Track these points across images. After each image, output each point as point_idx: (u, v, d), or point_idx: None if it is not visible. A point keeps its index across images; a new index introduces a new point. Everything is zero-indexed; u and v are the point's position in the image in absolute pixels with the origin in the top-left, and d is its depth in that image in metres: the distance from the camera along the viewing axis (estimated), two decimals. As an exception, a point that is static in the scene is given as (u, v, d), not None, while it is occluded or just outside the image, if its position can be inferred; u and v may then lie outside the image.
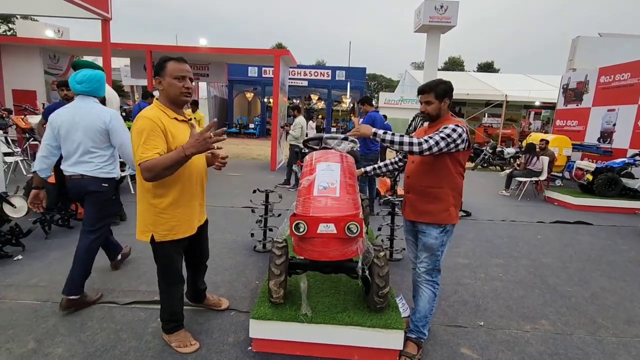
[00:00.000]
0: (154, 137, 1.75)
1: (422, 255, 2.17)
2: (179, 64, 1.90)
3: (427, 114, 2.13)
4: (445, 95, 2.07)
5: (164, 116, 1.86)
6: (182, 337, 2.20)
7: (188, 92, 1.93)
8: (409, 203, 2.21)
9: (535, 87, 20.78)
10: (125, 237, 4.00)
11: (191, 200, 2.03)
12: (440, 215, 2.08)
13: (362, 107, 5.10)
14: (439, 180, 2.06)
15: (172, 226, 1.97)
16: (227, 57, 10.32)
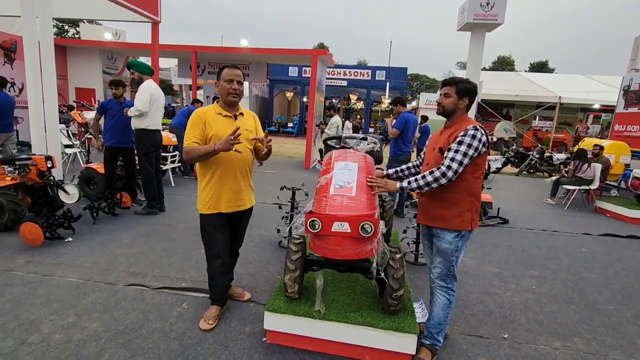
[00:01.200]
0: (194, 128, 2.19)
1: (436, 259, 2.11)
2: (229, 69, 2.24)
3: (441, 107, 2.06)
4: (467, 94, 2.01)
5: (210, 111, 2.26)
6: (210, 311, 2.44)
7: (235, 93, 2.23)
8: (422, 207, 2.17)
9: (595, 89, 19.16)
10: (163, 227, 4.28)
11: (223, 183, 2.28)
12: (453, 220, 2.01)
13: (395, 108, 5.02)
14: (454, 184, 1.98)
15: (206, 201, 2.29)
16: (267, 57, 10.60)
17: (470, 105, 2.05)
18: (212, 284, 2.46)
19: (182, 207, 5.20)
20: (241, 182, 2.34)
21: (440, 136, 2.09)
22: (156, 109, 4.51)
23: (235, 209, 2.35)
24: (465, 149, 1.89)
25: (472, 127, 1.91)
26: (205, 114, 2.23)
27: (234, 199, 2.32)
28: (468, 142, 1.89)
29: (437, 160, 2.02)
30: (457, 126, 2.00)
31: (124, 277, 3.00)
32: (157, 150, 4.77)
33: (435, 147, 2.08)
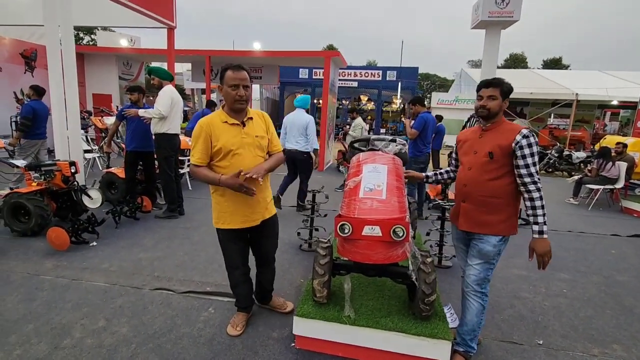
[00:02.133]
0: (198, 143, 2.06)
1: (475, 261, 2.04)
2: (234, 72, 2.02)
3: (487, 110, 1.95)
4: (508, 95, 1.97)
5: (215, 120, 2.08)
6: (237, 318, 2.43)
7: (241, 100, 2.03)
8: (464, 213, 2.07)
9: (613, 85, 18.65)
10: (184, 230, 4.30)
11: (237, 197, 2.12)
12: (499, 226, 1.96)
13: (413, 108, 4.94)
14: (500, 190, 1.94)
15: (219, 215, 2.20)
16: (280, 59, 10.63)
17: (507, 104, 2.01)
18: (235, 292, 2.45)
19: (201, 210, 5.23)
20: (259, 193, 2.16)
21: (481, 139, 2.01)
22: (175, 113, 4.55)
23: (252, 223, 2.20)
24: (535, 159, 1.88)
25: (528, 132, 1.87)
26: (210, 125, 2.05)
27: (249, 213, 2.17)
28: (535, 150, 1.87)
29: (484, 164, 1.95)
30: (501, 128, 1.96)
31: (150, 281, 3.01)
32: (177, 154, 4.81)
33: (476, 150, 2.00)
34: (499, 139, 1.92)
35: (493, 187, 1.95)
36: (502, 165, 1.92)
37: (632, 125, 21.01)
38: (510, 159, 1.91)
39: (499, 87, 1.93)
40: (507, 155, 1.90)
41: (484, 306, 2.07)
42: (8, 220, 3.80)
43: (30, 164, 4.05)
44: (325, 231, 4.06)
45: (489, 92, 1.94)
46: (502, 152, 1.91)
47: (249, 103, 2.16)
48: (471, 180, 2.01)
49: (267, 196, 2.30)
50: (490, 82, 1.97)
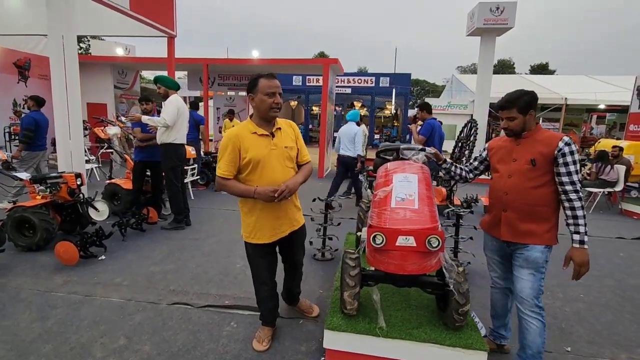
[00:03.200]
0: (227, 155, 2.01)
1: (524, 272, 1.95)
2: (268, 80, 2.00)
3: (510, 131, 1.99)
4: (529, 107, 1.93)
5: (244, 131, 2.05)
6: (263, 332, 2.37)
7: (277, 107, 2.03)
8: (506, 222, 2.01)
9: (600, 89, 19.12)
10: (192, 242, 4.22)
11: (267, 211, 2.10)
12: (544, 235, 1.92)
13: (420, 114, 4.99)
14: (545, 198, 1.91)
15: (250, 230, 2.17)
16: (278, 67, 10.63)
17: (536, 113, 1.98)
18: (261, 307, 2.40)
19: (208, 220, 5.15)
20: (285, 206, 2.15)
21: (519, 147, 1.99)
22: (182, 122, 4.50)
23: (281, 235, 2.19)
24: (577, 167, 1.85)
25: (568, 139, 1.84)
26: (239, 136, 2.00)
27: (278, 226, 2.15)
28: (576, 158, 1.85)
29: (527, 172, 1.92)
30: (538, 136, 1.95)
31: (166, 296, 2.94)
32: (183, 164, 4.75)
33: (516, 158, 1.98)
34: (539, 147, 1.90)
35: (537, 195, 1.91)
36: (545, 173, 1.89)
37: (618, 128, 21.44)
38: (552, 166, 1.88)
39: (515, 107, 1.93)
40: (549, 162, 1.87)
41: (544, 323, 1.96)
42: (12, 235, 3.69)
43: (35, 177, 3.95)
44: (338, 240, 4.03)
45: (506, 114, 1.97)
46: (545, 160, 1.88)
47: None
48: (513, 188, 1.96)
49: (295, 207, 2.27)
50: (503, 105, 1.98)
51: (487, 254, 2.24)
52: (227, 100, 11.22)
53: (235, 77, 11.08)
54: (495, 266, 2.21)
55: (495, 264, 2.20)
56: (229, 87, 11.29)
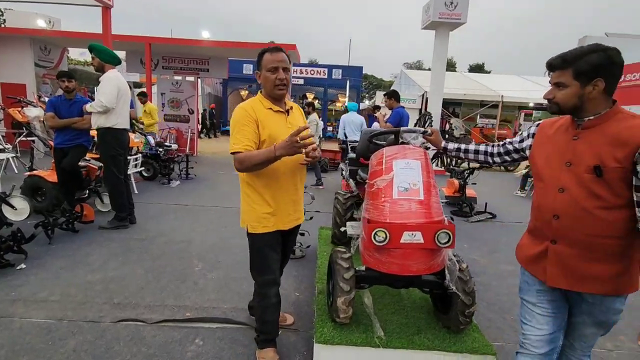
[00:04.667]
0: (245, 127, 1.73)
1: (586, 331, 1.40)
2: (272, 54, 1.76)
3: (555, 104, 1.32)
4: (598, 72, 1.22)
5: (259, 106, 1.80)
6: (270, 357, 1.94)
7: (282, 84, 1.77)
8: (556, 260, 1.33)
9: (530, 88, 20.86)
10: (139, 243, 3.63)
11: (283, 194, 1.85)
12: (618, 281, 1.26)
13: (388, 102, 4.82)
14: (620, 225, 1.22)
15: (260, 217, 1.83)
16: (229, 51, 9.92)
17: (613, 86, 1.25)
18: (264, 319, 1.92)
19: (156, 217, 4.53)
20: (300, 189, 1.94)
21: (577, 142, 1.28)
22: (123, 104, 3.84)
23: (295, 222, 1.94)
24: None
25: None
26: (255, 110, 1.76)
27: (292, 211, 1.89)
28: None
29: (589, 185, 1.23)
30: (612, 126, 1.23)
31: (109, 311, 2.41)
32: (126, 153, 4.08)
33: (571, 161, 1.28)
34: (612, 143, 1.21)
35: (606, 220, 1.23)
36: (621, 187, 1.20)
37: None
38: (632, 176, 1.19)
39: (571, 67, 1.25)
40: (626, 171, 1.18)
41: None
42: None
43: None
44: (310, 235, 3.71)
45: (555, 77, 1.30)
46: (621, 166, 1.18)
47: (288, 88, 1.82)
48: (568, 209, 1.28)
49: (302, 193, 2.01)
50: (553, 63, 1.31)
51: (525, 299, 1.47)
52: (174, 85, 10.24)
53: (182, 60, 10.14)
54: (539, 320, 1.41)
55: (539, 317, 1.41)
56: (174, 70, 10.31)
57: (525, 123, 25.08)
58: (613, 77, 1.24)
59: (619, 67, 1.23)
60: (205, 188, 6.44)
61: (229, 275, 3.05)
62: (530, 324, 1.42)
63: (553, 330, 1.39)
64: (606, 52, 1.21)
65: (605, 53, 1.21)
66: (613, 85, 1.25)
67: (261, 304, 1.92)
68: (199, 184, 6.76)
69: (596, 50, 1.22)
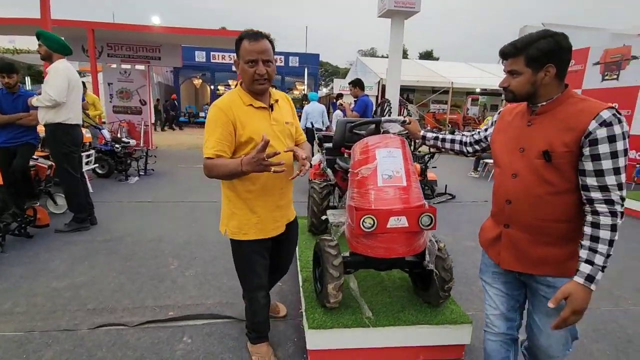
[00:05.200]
0: (217, 129, 1.55)
1: (547, 321, 1.34)
2: (250, 43, 1.53)
3: (510, 93, 1.32)
4: (548, 57, 1.21)
5: (236, 103, 1.61)
6: (263, 352, 1.95)
7: (262, 79, 1.57)
8: (509, 244, 1.38)
9: (476, 75, 22.10)
10: (105, 244, 3.45)
11: (267, 199, 1.72)
12: (568, 264, 1.28)
13: (354, 90, 4.90)
14: (570, 209, 1.26)
15: (242, 224, 1.73)
16: (182, 38, 9.43)
17: (563, 71, 1.25)
18: (255, 321, 1.92)
19: (118, 216, 4.30)
20: (287, 193, 1.81)
21: (531, 128, 1.31)
22: (76, 97, 3.56)
23: (282, 229, 1.81)
24: (624, 161, 1.16)
25: (612, 117, 1.14)
26: (233, 108, 1.57)
27: (279, 217, 1.78)
28: (622, 147, 1.15)
29: (539, 170, 1.26)
30: (564, 110, 1.24)
31: (84, 318, 2.29)
32: (80, 150, 3.80)
33: (524, 146, 1.31)
34: (561, 128, 1.22)
35: (556, 204, 1.26)
36: (570, 171, 1.23)
37: (489, 109, 25.12)
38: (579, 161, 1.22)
39: (522, 54, 1.24)
40: (574, 155, 1.21)
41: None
42: None
43: None
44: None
45: (508, 65, 1.30)
46: (568, 150, 1.20)
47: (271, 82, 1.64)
48: (519, 194, 1.32)
49: (291, 194, 1.90)
50: (505, 51, 1.30)
51: (483, 279, 1.57)
52: (122, 74, 9.56)
53: (130, 47, 9.49)
54: (494, 300, 1.51)
55: (494, 297, 1.51)
56: (121, 58, 9.62)
57: (472, 108, 26.67)
58: (563, 62, 1.24)
59: (568, 51, 1.23)
60: (167, 183, 6.18)
61: (207, 271, 3.00)
62: (488, 304, 1.54)
63: (507, 309, 1.48)
64: (554, 37, 1.22)
65: (554, 38, 1.21)
66: (564, 70, 1.26)
67: (251, 307, 1.90)
68: (159, 179, 6.48)
69: (545, 37, 1.22)
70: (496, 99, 23.52)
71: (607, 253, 1.17)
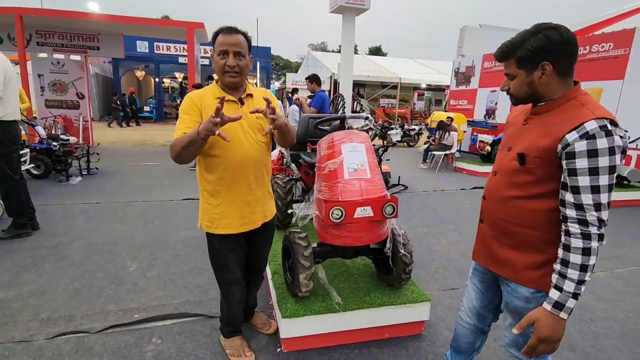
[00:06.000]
0: (187, 116, 1.63)
1: (507, 320, 1.36)
2: (223, 36, 1.60)
3: (512, 96, 1.26)
4: (541, 55, 1.13)
5: (208, 95, 1.68)
6: (237, 345, 1.98)
7: (233, 72, 1.61)
8: (481, 238, 1.42)
9: (422, 71, 23.25)
10: (52, 250, 3.21)
11: (233, 194, 1.72)
12: (525, 273, 1.23)
13: (310, 85, 4.98)
14: (537, 217, 1.20)
15: (212, 218, 1.75)
16: (119, 27, 8.78)
17: (565, 66, 1.15)
18: (229, 315, 1.95)
19: (63, 219, 4.00)
20: (256, 190, 1.77)
21: (525, 127, 1.25)
22: (12, 92, 3.24)
23: (251, 226, 1.79)
24: (608, 179, 1.05)
25: (599, 129, 1.03)
26: (202, 99, 1.65)
27: (248, 214, 1.77)
28: (607, 164, 1.03)
29: (513, 172, 1.24)
30: (557, 114, 1.15)
31: (39, 328, 2.15)
32: (19, 149, 3.48)
33: (511, 145, 1.28)
34: (542, 133, 1.16)
35: (523, 209, 1.22)
36: (543, 178, 1.17)
37: (434, 103, 26.59)
38: (557, 171, 1.13)
39: (512, 57, 1.19)
40: (549, 163, 1.14)
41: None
42: None
43: None
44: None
45: (505, 69, 1.24)
46: (541, 157, 1.15)
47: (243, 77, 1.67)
48: (493, 192, 1.33)
49: (268, 192, 1.89)
50: (497, 57, 1.25)
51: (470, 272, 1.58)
52: (54, 65, 8.71)
53: (63, 36, 8.67)
54: (470, 294, 1.54)
55: (471, 291, 1.54)
56: (53, 47, 8.77)
57: (419, 102, 28.00)
58: (561, 57, 1.13)
59: (563, 44, 1.11)
60: (115, 183, 5.82)
61: (170, 271, 2.94)
62: (467, 294, 1.57)
63: (481, 307, 1.50)
64: (543, 32, 1.12)
65: (543, 34, 1.12)
66: (565, 65, 1.14)
67: (226, 301, 1.93)
68: (105, 179, 6.07)
69: (535, 33, 1.13)
70: (440, 94, 24.91)
71: (579, 279, 1.07)
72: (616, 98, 7.35)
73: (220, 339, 2.08)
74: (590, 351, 2.16)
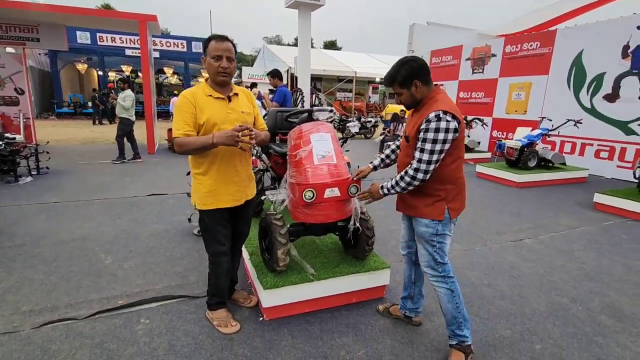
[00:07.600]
0: (184, 113, 1.90)
1: (419, 246, 2.01)
2: (217, 42, 1.91)
3: (405, 106, 1.95)
4: (411, 77, 1.79)
5: (199, 93, 1.97)
6: (223, 316, 2.21)
7: (224, 72, 1.94)
8: (399, 194, 2.06)
9: (376, 65, 24.03)
10: (17, 250, 3.18)
11: (222, 175, 2.03)
12: (426, 210, 1.88)
13: (272, 81, 5.17)
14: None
15: (204, 195, 2.03)
16: (69, 18, 8.28)
17: (427, 79, 1.82)
18: (217, 284, 2.20)
19: (25, 219, 3.89)
20: (241, 172, 2.11)
21: (411, 118, 1.94)
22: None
23: (236, 203, 2.10)
24: (431, 146, 1.72)
25: (434, 116, 1.70)
26: (195, 97, 1.93)
27: (234, 192, 2.08)
28: (432, 137, 1.71)
29: (405, 149, 1.94)
30: (424, 110, 1.81)
31: (23, 320, 2.22)
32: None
33: (406, 132, 1.95)
34: (415, 122, 1.84)
35: None
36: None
37: (388, 97, 27.56)
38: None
39: (395, 83, 1.85)
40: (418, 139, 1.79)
41: (452, 289, 1.93)
42: None
43: None
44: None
45: (394, 90, 1.91)
46: (414, 136, 1.82)
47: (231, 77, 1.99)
48: (400, 161, 2.04)
49: (249, 175, 2.21)
50: (385, 83, 1.94)
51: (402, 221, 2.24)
52: (-11, 58, 8.03)
53: (-2, 26, 8.01)
54: (402, 232, 2.23)
55: (403, 230, 2.23)
56: (-13, 39, 8.08)
57: (373, 96, 28.92)
58: (423, 74, 1.81)
59: (421, 67, 1.81)
60: (70, 181, 5.63)
61: (147, 261, 3.05)
62: (401, 233, 2.25)
63: (408, 239, 2.20)
64: (408, 63, 1.81)
65: (408, 64, 1.80)
66: (426, 78, 1.83)
67: (214, 271, 2.17)
68: (59, 178, 5.84)
69: (403, 64, 1.82)
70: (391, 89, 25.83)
71: (403, 186, 1.86)
72: (543, 91, 8.37)
73: (206, 313, 2.29)
74: (517, 299, 2.66)
